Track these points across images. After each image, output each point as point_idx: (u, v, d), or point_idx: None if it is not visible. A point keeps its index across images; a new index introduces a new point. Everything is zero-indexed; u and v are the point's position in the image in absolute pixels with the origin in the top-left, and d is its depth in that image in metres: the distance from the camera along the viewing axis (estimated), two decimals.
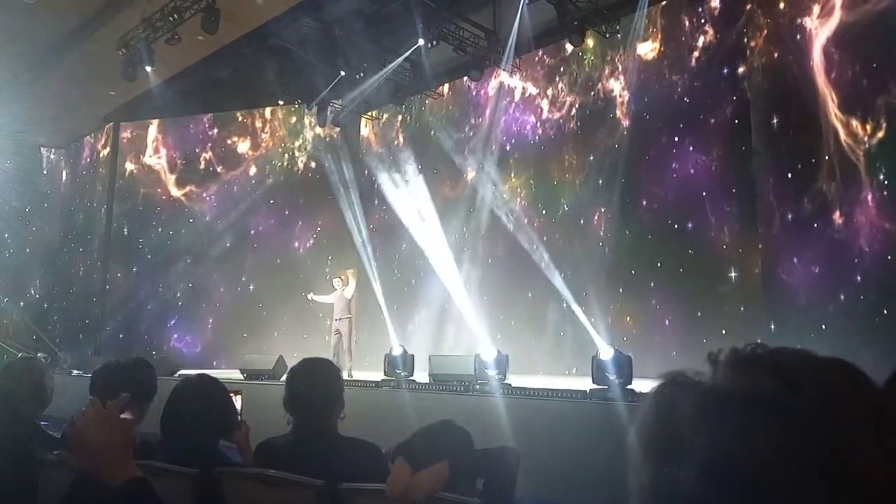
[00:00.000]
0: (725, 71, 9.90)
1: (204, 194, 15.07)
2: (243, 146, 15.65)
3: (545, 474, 5.01)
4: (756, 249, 9.02)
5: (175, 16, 10.15)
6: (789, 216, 8.12)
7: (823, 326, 7.48)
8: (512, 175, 12.73)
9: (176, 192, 14.98)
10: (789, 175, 8.19)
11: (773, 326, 8.33)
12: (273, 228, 15.17)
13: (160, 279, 14.13)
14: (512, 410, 5.58)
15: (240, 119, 15.50)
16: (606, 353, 5.88)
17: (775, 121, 8.48)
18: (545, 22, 11.38)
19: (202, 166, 15.23)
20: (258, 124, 15.79)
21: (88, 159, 16.61)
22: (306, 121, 15.83)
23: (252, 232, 15.07)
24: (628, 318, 10.53)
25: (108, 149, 16.07)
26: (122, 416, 1.37)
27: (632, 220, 10.72)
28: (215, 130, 15.39)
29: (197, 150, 15.19)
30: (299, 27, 11.86)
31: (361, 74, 13.11)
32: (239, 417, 3.06)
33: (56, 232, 16.29)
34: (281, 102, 14.75)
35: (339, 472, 2.10)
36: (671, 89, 10.68)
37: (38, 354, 11.35)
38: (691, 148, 10.24)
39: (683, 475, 0.54)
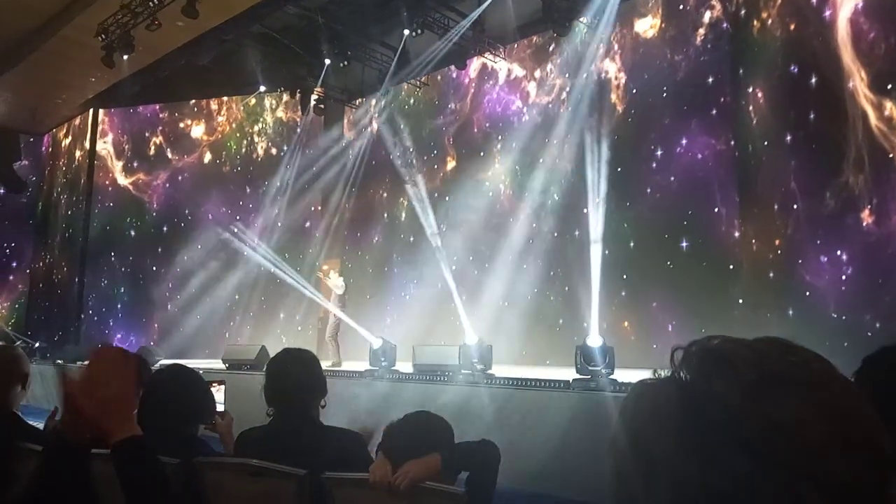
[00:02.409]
0: (734, 48, 8.93)
1: (154, 182, 14.56)
2: (197, 130, 15.05)
3: (528, 463, 5.03)
4: (771, 246, 7.76)
5: (155, 1, 9.98)
6: (813, 211, 6.97)
7: (870, 333, 6.21)
8: (496, 161, 12.34)
9: (123, 179, 14.53)
10: (810, 166, 7.14)
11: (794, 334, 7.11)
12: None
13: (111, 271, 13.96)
14: (495, 400, 5.60)
15: (192, 101, 14.83)
16: (592, 341, 5.91)
17: (790, 103, 7.32)
18: (531, 12, 11.32)
19: (152, 152, 14.68)
20: (213, 106, 15.09)
21: (49, 148, 16.41)
22: (267, 103, 15.24)
23: (211, 217, 14.50)
24: (626, 324, 9.88)
25: (69, 137, 15.93)
26: (122, 371, 1.29)
27: (629, 211, 10.14)
28: (166, 113, 14.75)
29: (146, 135, 14.62)
30: (283, 14, 11.72)
31: (345, 63, 13.00)
32: (223, 407, 3.04)
33: (37, 221, 16.11)
34: (263, 89, 14.59)
35: (321, 461, 2.09)
36: (673, 70, 9.96)
37: (17, 343, 11.20)
38: (697, 133, 9.51)
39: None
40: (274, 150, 15.21)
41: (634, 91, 10.53)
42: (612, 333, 9.35)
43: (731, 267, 8.68)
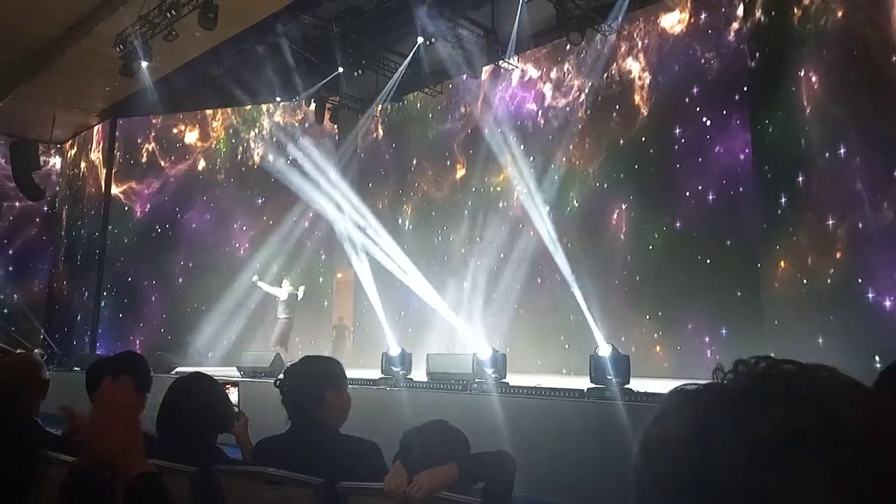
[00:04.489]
0: (771, 41, 7.96)
1: (146, 190, 14.48)
2: (191, 136, 14.89)
3: (542, 473, 5.00)
4: (828, 256, 6.62)
5: (172, 12, 10.12)
6: (878, 219, 6.00)
7: None
8: (509, 166, 12.03)
9: (115, 189, 14.50)
10: (868, 170, 6.30)
11: (877, 361, 5.43)
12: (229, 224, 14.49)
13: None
14: (509, 409, 5.58)
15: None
16: (605, 350, 5.88)
17: (841, 101, 6.54)
18: (544, 20, 11.34)
19: (144, 159, 14.61)
20: (208, 111, 14.88)
21: (56, 164, 16.58)
22: (263, 107, 15.04)
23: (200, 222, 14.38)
24: (658, 349, 9.22)
25: (74, 148, 16.19)
26: (129, 404, 1.32)
27: (659, 218, 9.55)
28: (159, 119, 14.60)
29: (139, 141, 14.59)
30: (297, 24, 11.84)
31: (359, 72, 13.09)
32: (237, 409, 3.06)
33: (64, 228, 16.35)
34: (279, 99, 14.70)
35: (338, 470, 2.10)
36: (704, 66, 9.33)
37: (35, 351, 11.32)
38: (733, 134, 8.80)
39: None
40: (271, 157, 14.88)
41: (660, 91, 9.97)
42: (639, 345, 9.19)
43: (777, 284, 7.63)
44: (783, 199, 7.46)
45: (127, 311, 14.01)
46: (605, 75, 10.71)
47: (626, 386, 5.65)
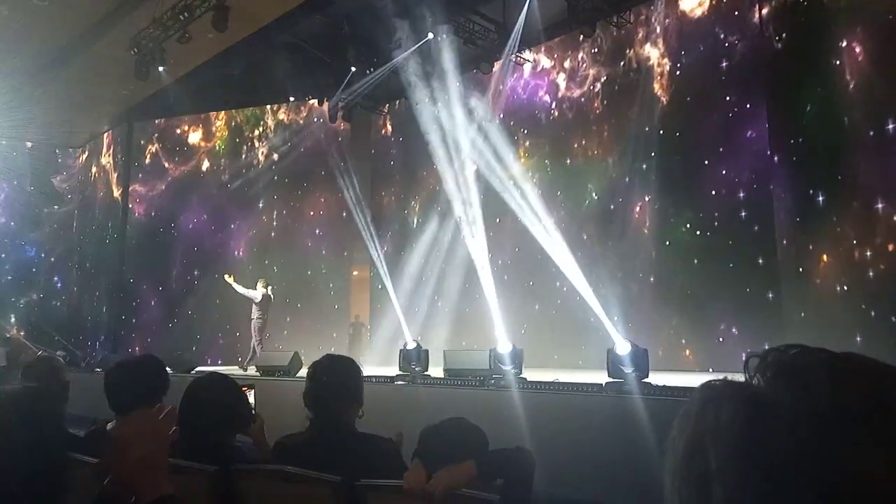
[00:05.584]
0: (799, 20, 7.48)
1: (150, 192, 14.47)
2: (195, 136, 14.86)
3: (561, 468, 4.98)
4: (874, 245, 6.10)
5: (185, 14, 10.18)
6: None
7: None
8: (522, 159, 11.82)
9: (116, 192, 14.52)
10: None
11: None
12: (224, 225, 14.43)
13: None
14: (527, 404, 5.56)
15: None
16: (622, 346, 5.85)
17: (880, 85, 6.02)
18: (556, 13, 11.26)
19: (148, 161, 14.60)
20: (212, 112, 14.74)
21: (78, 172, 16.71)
22: (268, 106, 14.95)
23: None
24: (688, 353, 8.73)
25: (86, 153, 16.35)
26: (162, 426, 1.32)
27: (684, 212, 9.15)
28: (161, 121, 14.58)
29: (142, 142, 14.60)
30: (309, 23, 11.86)
31: (371, 69, 13.09)
32: (253, 411, 3.07)
33: (75, 232, 16.55)
34: (292, 99, 14.75)
35: (357, 469, 2.10)
36: (728, 50, 8.88)
37: (57, 353, 11.47)
38: (762, 119, 8.29)
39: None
40: (276, 156, 14.84)
41: (681, 78, 9.57)
42: (663, 343, 8.79)
43: (818, 280, 7.15)
44: (821, 188, 6.98)
45: (138, 313, 14.12)
46: (622, 63, 10.37)
47: (645, 380, 5.62)
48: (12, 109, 13.53)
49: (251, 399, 3.59)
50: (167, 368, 2.81)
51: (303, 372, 8.03)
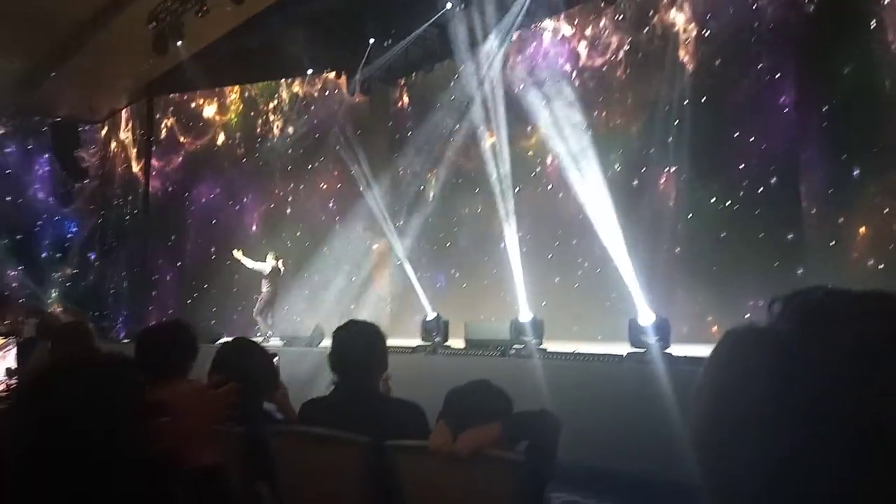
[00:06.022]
0: None
1: (165, 168, 14.50)
2: (209, 110, 14.82)
3: (582, 436, 5.01)
4: None
5: None
6: None
7: None
8: (540, 130, 11.43)
9: (136, 167, 14.59)
10: None
11: None
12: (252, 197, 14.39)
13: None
14: (549, 374, 5.58)
15: None
16: (646, 316, 5.83)
17: None
18: None
19: (163, 135, 14.59)
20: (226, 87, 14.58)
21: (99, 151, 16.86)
22: (282, 79, 14.74)
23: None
24: (714, 330, 8.33)
25: (105, 128, 16.45)
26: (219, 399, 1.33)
27: (712, 184, 8.83)
28: (176, 95, 14.50)
29: (157, 116, 14.58)
30: None
31: (389, 41, 12.97)
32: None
33: (98, 207, 16.76)
34: (310, 72, 14.67)
35: (383, 431, 2.13)
36: (760, 12, 8.48)
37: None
38: (794, 86, 7.86)
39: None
40: (291, 129, 14.65)
41: (708, 44, 9.19)
42: (688, 320, 8.45)
43: (854, 254, 6.96)
44: (857, 157, 6.69)
45: (155, 288, 14.29)
46: (646, 30, 10.01)
47: (667, 350, 5.61)
48: (34, 87, 13.65)
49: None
50: None
51: (325, 343, 8.13)
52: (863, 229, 6.76)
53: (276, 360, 3.91)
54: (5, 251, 14.78)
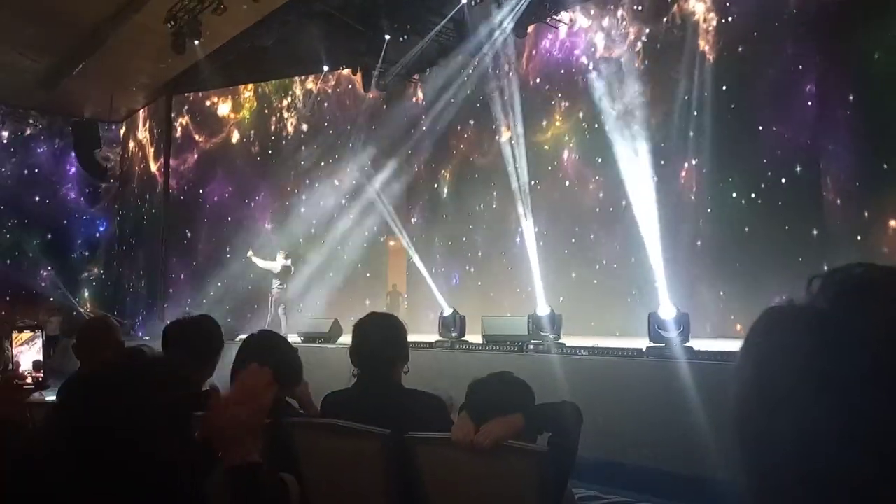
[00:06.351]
0: None
1: (181, 167, 14.57)
2: (224, 108, 14.89)
3: (602, 431, 4.99)
4: None
5: None
6: None
7: None
8: (557, 124, 11.62)
9: (154, 166, 14.67)
10: None
11: None
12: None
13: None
14: (567, 368, 5.56)
15: None
16: (667, 310, 5.78)
17: None
18: None
19: (178, 134, 14.69)
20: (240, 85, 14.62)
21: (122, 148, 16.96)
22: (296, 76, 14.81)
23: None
24: (739, 328, 8.09)
25: (123, 128, 16.60)
26: (265, 393, 1.28)
27: (733, 177, 8.60)
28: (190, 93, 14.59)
29: (172, 115, 14.66)
30: None
31: (405, 37, 12.96)
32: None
33: (118, 207, 16.95)
34: (326, 69, 14.72)
35: (405, 423, 2.13)
36: (779, 3, 8.26)
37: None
38: (819, 76, 7.57)
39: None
40: (305, 126, 14.69)
41: (729, 33, 8.96)
42: (713, 315, 8.38)
43: (884, 248, 6.78)
44: (886, 149, 6.46)
45: (170, 287, 14.35)
46: (665, 19, 9.83)
47: (687, 344, 5.56)
48: (56, 86, 13.82)
49: None
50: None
51: (343, 339, 8.16)
52: (892, 223, 6.60)
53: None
54: (38, 250, 15.02)
